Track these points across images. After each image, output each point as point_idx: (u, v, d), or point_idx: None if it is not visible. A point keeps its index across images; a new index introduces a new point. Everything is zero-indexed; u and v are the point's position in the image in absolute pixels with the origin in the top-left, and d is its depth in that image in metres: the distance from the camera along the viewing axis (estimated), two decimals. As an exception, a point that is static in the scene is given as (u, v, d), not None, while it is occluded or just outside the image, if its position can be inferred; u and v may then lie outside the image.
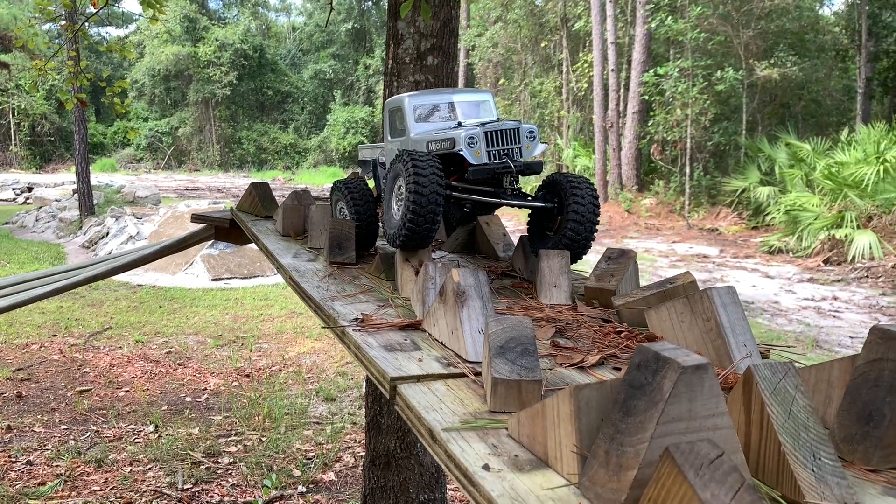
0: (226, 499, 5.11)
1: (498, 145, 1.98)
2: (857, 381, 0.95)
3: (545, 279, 1.78)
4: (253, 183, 2.96)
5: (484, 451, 0.96)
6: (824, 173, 16.07)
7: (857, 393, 0.95)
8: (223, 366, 7.98)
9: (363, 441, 5.26)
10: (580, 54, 27.51)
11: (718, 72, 20.57)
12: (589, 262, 2.12)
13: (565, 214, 1.99)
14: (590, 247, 2.01)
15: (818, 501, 0.80)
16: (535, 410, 0.94)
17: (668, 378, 0.78)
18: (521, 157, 2.02)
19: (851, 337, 9.40)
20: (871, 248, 14.20)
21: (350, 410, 6.90)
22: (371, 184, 2.60)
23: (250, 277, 12.52)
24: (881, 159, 15.19)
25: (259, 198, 2.90)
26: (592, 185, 2.04)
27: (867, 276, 13.56)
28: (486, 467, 0.90)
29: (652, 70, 21.87)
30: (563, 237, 1.97)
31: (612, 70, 22.62)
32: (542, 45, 29.86)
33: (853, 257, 14.33)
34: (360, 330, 1.47)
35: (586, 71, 25.83)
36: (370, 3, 46.84)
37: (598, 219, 1.98)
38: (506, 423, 1.03)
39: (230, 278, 12.41)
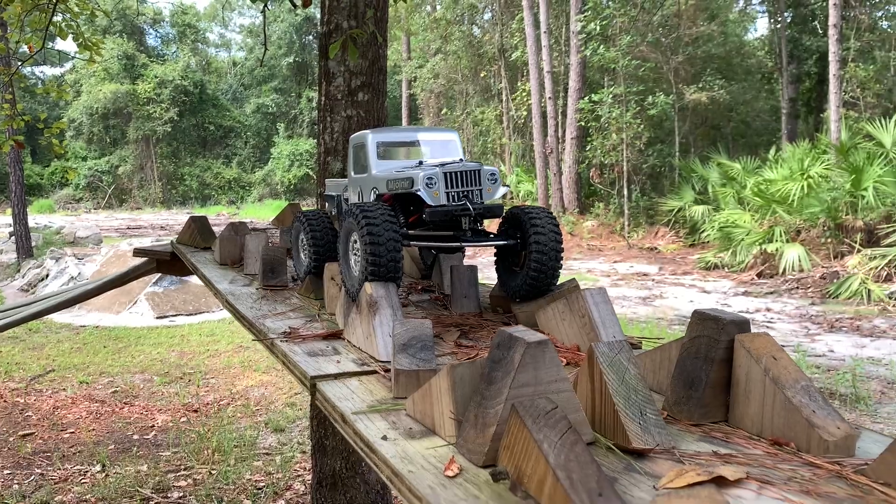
0: (176, 532, 5.13)
1: (457, 186, 1.93)
2: (684, 355, 1.18)
3: (456, 291, 1.99)
4: (191, 216, 3.11)
5: (384, 426, 1.16)
6: (754, 191, 16.77)
7: (683, 365, 1.18)
8: (170, 402, 7.94)
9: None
10: (518, 83, 28.21)
11: (650, 97, 21.38)
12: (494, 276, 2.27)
13: (528, 249, 1.93)
14: (558, 276, 1.95)
15: (642, 446, 1.02)
16: (424, 389, 1.15)
17: (517, 352, 1.00)
18: (482, 199, 1.97)
19: (783, 345, 9.88)
20: (800, 260, 14.81)
21: (299, 440, 6.95)
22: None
23: (196, 314, 12.45)
24: (805, 175, 15.95)
25: (198, 230, 3.06)
26: (552, 215, 2.00)
27: (797, 288, 14.14)
28: (384, 438, 1.10)
29: (587, 97, 22.59)
30: (529, 271, 1.91)
31: (550, 98, 23.26)
32: (482, 75, 30.52)
33: (784, 270, 14.92)
34: (286, 341, 1.65)
35: (525, 99, 26.48)
36: (311, 37, 47.11)
37: (562, 248, 1.94)
38: (405, 406, 1.23)
39: (175, 315, 12.31)
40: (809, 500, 0.90)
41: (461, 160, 2.13)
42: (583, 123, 22.88)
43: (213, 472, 6.16)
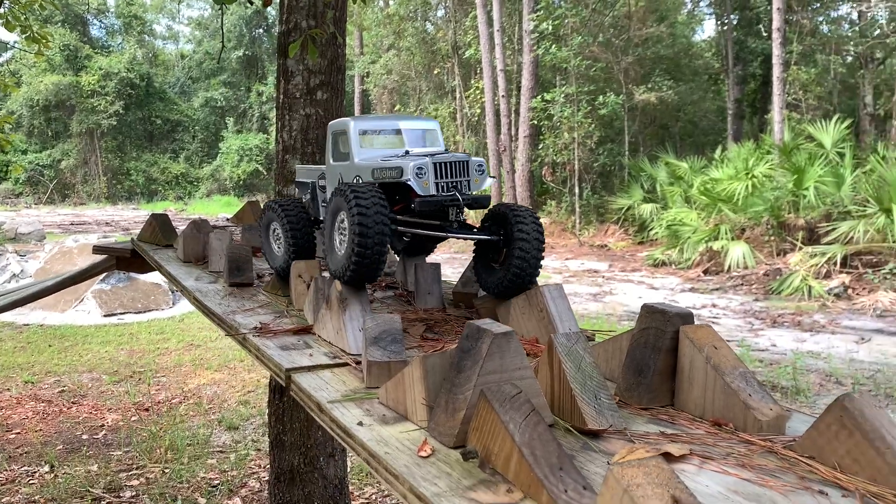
0: (130, 530, 5.10)
1: (446, 177, 1.93)
2: (634, 345, 1.30)
3: (421, 288, 2.07)
4: (153, 214, 3.13)
5: (359, 413, 1.24)
6: (700, 190, 17.19)
7: (634, 354, 1.29)
8: (120, 401, 7.84)
9: (268, 465, 5.36)
10: (472, 81, 28.37)
11: (601, 97, 21.74)
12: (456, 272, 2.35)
13: (511, 248, 1.94)
14: (538, 275, 1.95)
15: (597, 427, 1.12)
16: (397, 379, 1.23)
17: (484, 343, 1.09)
18: (469, 190, 1.98)
19: (728, 340, 10.23)
20: (744, 257, 15.25)
21: (254, 437, 6.94)
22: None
23: (144, 312, 12.26)
24: (750, 175, 16.42)
25: (159, 228, 3.08)
26: (537, 217, 2.02)
27: (742, 284, 14.57)
28: (360, 424, 1.19)
29: (540, 96, 22.86)
30: (510, 271, 1.91)
31: (503, 96, 23.46)
32: (436, 72, 30.59)
33: (729, 267, 15.35)
34: (258, 336, 1.72)
35: (478, 97, 26.66)
36: (261, 31, 46.54)
37: (543, 252, 1.96)
38: (378, 394, 1.32)
39: (123, 313, 12.10)
40: (745, 472, 1.01)
41: (446, 150, 2.13)
42: (535, 122, 23.15)
43: (166, 470, 6.12)
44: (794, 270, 13.62)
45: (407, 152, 2.09)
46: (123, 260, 3.38)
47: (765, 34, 24.45)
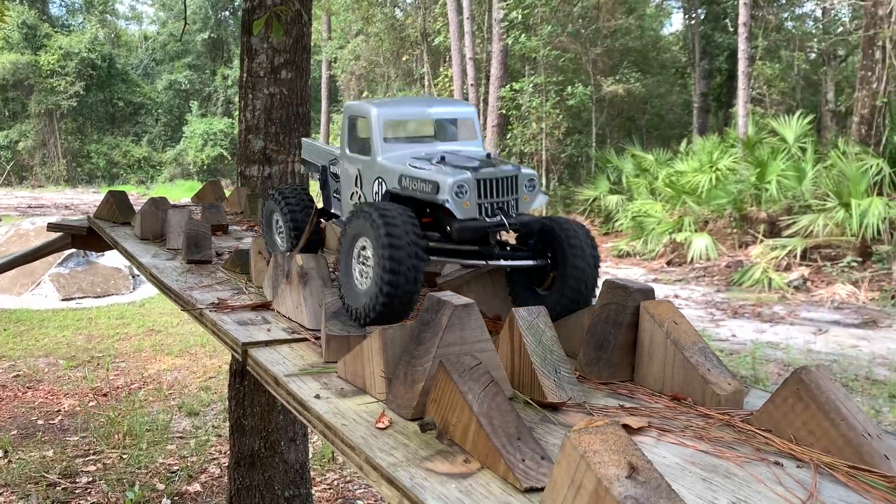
0: (86, 516, 5.02)
1: (492, 197, 1.59)
2: (595, 320, 1.30)
3: (383, 267, 2.05)
4: (110, 191, 3.07)
5: (317, 387, 1.23)
6: (665, 182, 17.36)
7: (594, 329, 1.30)
8: (78, 387, 7.69)
9: (228, 450, 5.31)
10: (441, 69, 28.26)
11: (569, 87, 21.83)
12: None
13: (564, 274, 1.60)
14: (590, 304, 1.61)
15: (556, 400, 1.12)
16: (356, 352, 1.22)
17: (444, 314, 1.08)
18: (518, 209, 1.64)
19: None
20: (707, 249, 15.45)
21: (214, 423, 6.87)
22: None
23: (104, 296, 12.04)
24: (714, 168, 16.63)
25: (116, 205, 3.02)
26: (589, 233, 1.68)
27: (704, 276, 14.77)
28: (317, 396, 1.17)
29: (508, 85, 22.88)
30: (564, 299, 1.58)
31: (472, 85, 23.41)
32: (404, 58, 30.41)
33: (692, 258, 15.54)
34: (215, 311, 1.68)
35: (447, 85, 26.56)
36: (227, 13, 45.79)
37: (599, 272, 1.63)
38: (336, 368, 1.30)
39: (82, 297, 11.87)
40: (702, 444, 1.02)
41: (488, 155, 1.79)
42: (504, 112, 23.16)
43: (123, 456, 6.03)
44: (755, 262, 13.84)
45: (443, 158, 1.72)
46: (79, 238, 3.30)
47: (731, 29, 24.74)
